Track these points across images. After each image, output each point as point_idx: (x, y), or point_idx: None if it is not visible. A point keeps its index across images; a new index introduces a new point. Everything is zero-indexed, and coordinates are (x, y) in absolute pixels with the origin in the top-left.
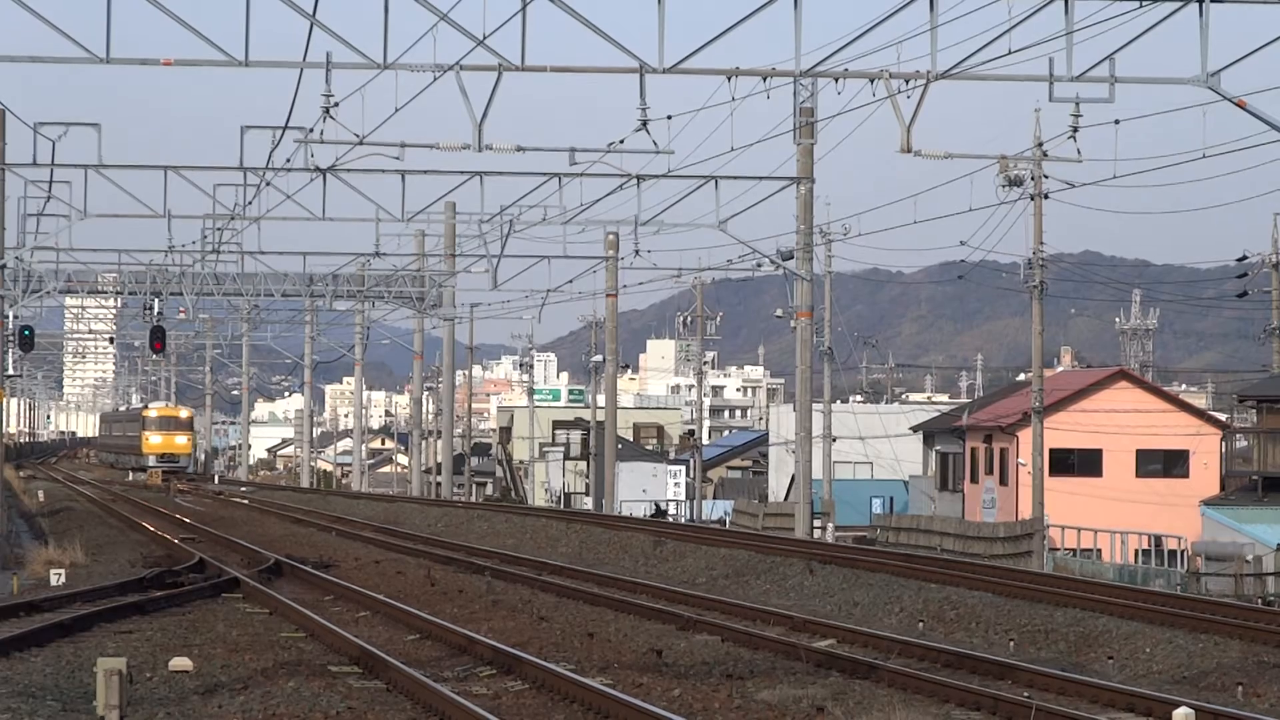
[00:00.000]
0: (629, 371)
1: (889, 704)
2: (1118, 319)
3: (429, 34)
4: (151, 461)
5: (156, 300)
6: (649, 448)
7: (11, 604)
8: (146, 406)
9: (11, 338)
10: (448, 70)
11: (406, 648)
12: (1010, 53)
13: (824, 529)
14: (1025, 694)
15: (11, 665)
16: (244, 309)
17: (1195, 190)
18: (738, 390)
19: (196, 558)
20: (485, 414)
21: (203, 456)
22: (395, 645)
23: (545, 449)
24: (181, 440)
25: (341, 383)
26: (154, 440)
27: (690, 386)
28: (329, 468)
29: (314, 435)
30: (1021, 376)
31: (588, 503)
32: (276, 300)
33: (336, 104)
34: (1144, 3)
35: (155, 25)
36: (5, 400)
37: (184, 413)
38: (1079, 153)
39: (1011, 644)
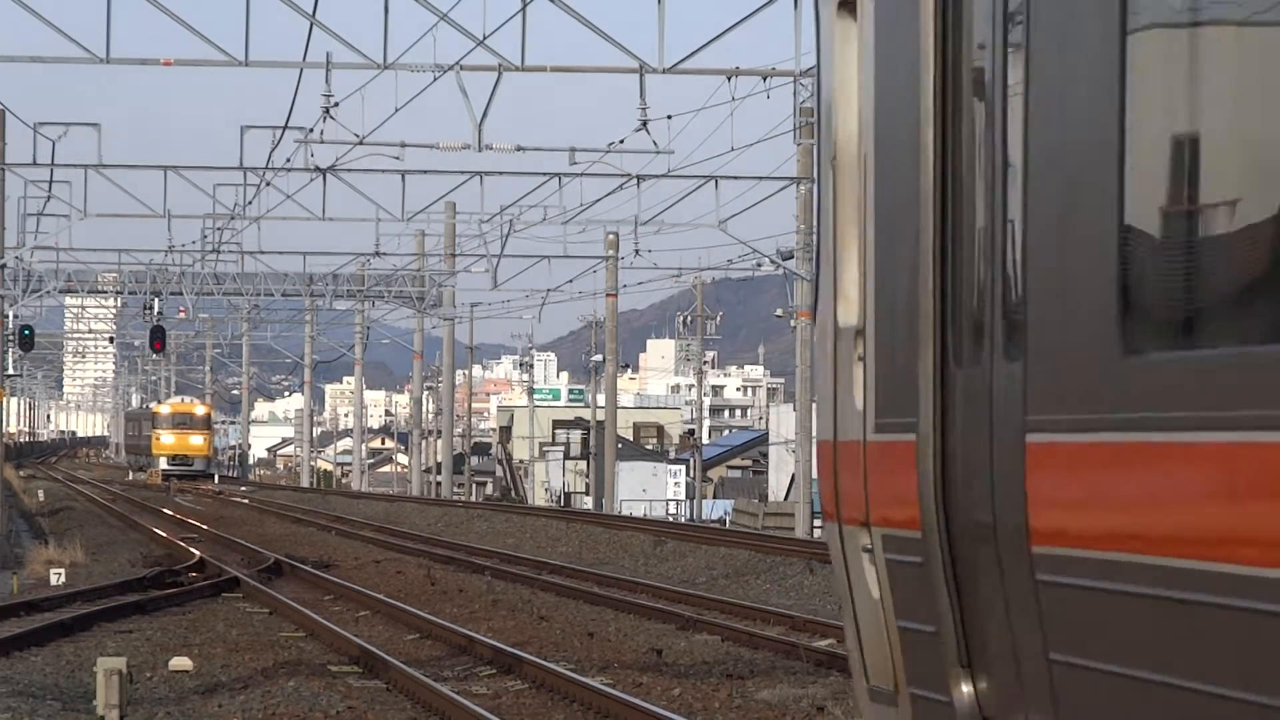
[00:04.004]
0: (629, 371)
1: None
2: None
3: (429, 34)
4: (163, 464)
5: (156, 300)
6: (649, 447)
7: (11, 603)
8: (160, 402)
9: (11, 338)
10: (448, 70)
11: (406, 647)
12: None
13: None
14: None
15: (11, 665)
16: (244, 309)
17: None
18: (738, 390)
19: (196, 557)
20: (485, 414)
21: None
22: (395, 645)
23: (545, 449)
24: (197, 440)
25: (341, 382)
26: (166, 440)
27: (690, 386)
28: (329, 467)
29: (314, 435)
30: None
31: (588, 502)
32: (276, 300)
33: (336, 104)
34: None
35: (155, 25)
36: (5, 400)
37: (200, 409)
38: None
39: None
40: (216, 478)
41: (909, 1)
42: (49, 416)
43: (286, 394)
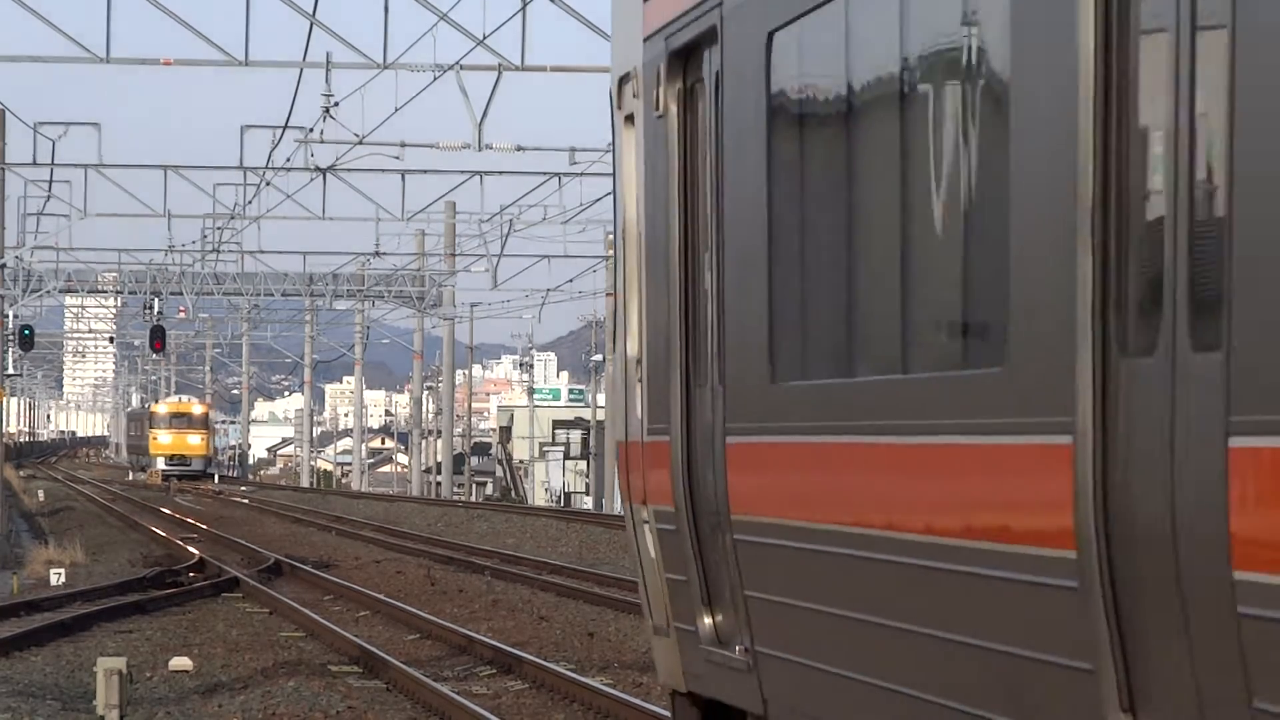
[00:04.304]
0: None
1: None
2: None
3: (429, 34)
4: (160, 464)
5: (156, 300)
6: None
7: (11, 603)
8: (157, 401)
9: (11, 337)
10: (448, 70)
11: (406, 647)
12: None
13: None
14: None
15: (11, 665)
16: (244, 309)
17: None
18: None
19: (196, 557)
20: (485, 414)
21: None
22: (395, 645)
23: (545, 449)
24: (195, 440)
25: (341, 382)
26: (163, 440)
27: None
28: (329, 467)
29: (314, 435)
30: None
31: (588, 502)
32: (276, 300)
33: (336, 104)
34: None
35: (155, 25)
36: (5, 400)
37: (197, 408)
38: None
39: None
40: (216, 478)
41: (663, 122)
42: (49, 416)
43: (286, 394)
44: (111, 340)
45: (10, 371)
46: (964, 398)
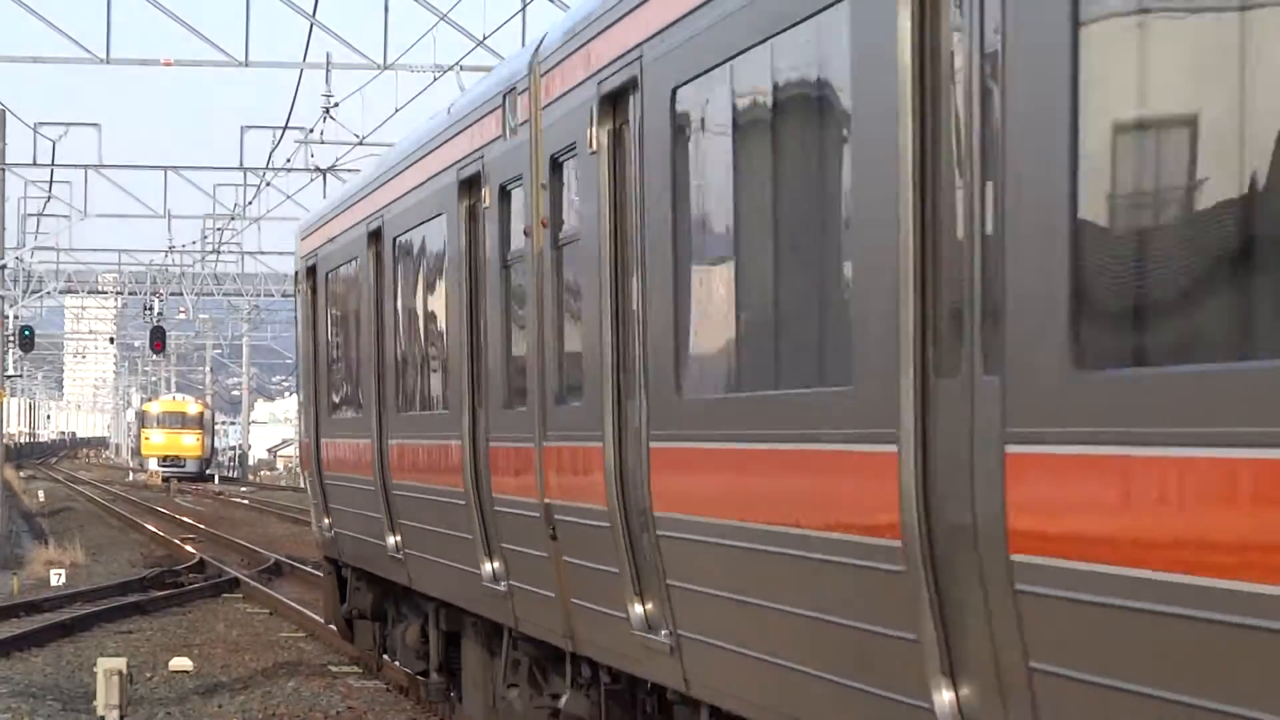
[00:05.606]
0: None
1: None
2: None
3: (429, 34)
4: (153, 464)
5: (156, 300)
6: None
7: (12, 604)
8: (153, 397)
9: (11, 338)
10: (448, 71)
11: None
12: None
13: None
14: None
15: (12, 665)
16: (244, 309)
17: None
18: None
19: (197, 557)
20: None
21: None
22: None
23: None
24: (189, 440)
25: None
26: (155, 440)
27: None
28: None
29: None
30: None
31: None
32: (276, 300)
33: (336, 104)
34: None
35: (155, 25)
36: (5, 400)
37: (192, 407)
38: None
39: None
40: (216, 478)
41: (306, 298)
42: (49, 417)
43: (287, 394)
44: (111, 341)
45: (10, 372)
46: (823, 411)
